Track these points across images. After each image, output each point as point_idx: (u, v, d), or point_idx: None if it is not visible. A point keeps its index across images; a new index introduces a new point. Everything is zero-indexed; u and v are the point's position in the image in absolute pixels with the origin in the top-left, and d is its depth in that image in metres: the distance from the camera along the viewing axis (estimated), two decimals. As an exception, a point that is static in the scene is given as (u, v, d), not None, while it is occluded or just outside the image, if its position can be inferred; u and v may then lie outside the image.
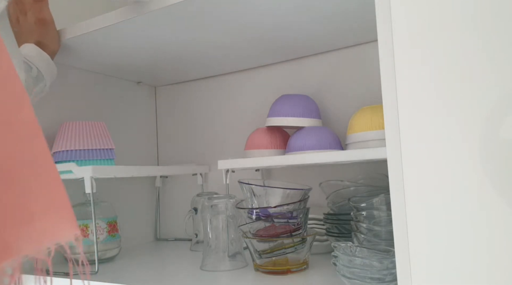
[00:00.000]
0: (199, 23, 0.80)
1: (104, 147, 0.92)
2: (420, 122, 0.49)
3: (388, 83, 0.51)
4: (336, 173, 0.98)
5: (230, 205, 0.84)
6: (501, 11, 0.45)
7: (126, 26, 0.79)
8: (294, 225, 0.75)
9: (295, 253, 0.74)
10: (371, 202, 0.71)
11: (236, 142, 1.14)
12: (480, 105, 0.46)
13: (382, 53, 0.52)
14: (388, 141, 0.51)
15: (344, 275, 0.62)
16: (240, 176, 0.93)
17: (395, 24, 0.50)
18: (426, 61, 0.49)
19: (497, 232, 0.44)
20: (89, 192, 0.81)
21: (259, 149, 0.91)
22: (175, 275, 0.78)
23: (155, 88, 1.31)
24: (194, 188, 1.19)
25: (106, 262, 0.92)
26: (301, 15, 0.78)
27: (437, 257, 0.47)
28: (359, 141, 0.76)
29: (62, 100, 0.93)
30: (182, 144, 1.25)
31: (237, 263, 0.82)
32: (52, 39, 0.84)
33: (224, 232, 0.83)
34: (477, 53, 0.46)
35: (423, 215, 0.48)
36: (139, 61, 1.02)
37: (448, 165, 0.47)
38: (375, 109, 0.76)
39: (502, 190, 0.44)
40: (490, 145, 0.45)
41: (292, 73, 1.07)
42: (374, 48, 0.95)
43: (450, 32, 0.48)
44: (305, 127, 0.85)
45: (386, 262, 0.60)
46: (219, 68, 1.12)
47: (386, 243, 0.66)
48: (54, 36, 0.84)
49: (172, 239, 1.21)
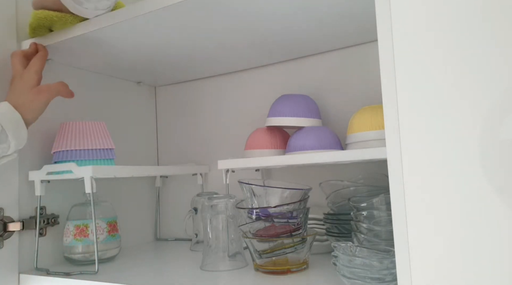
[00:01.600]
0: (199, 23, 0.80)
1: (104, 146, 0.92)
2: (420, 122, 0.49)
3: (388, 83, 0.51)
4: (336, 173, 0.98)
5: (230, 205, 0.84)
6: (501, 11, 0.45)
7: (126, 26, 0.79)
8: (294, 225, 0.75)
9: (295, 253, 0.75)
10: (371, 202, 0.71)
11: (236, 142, 1.14)
12: (480, 105, 0.46)
13: (382, 53, 0.52)
14: (388, 142, 0.51)
15: (344, 275, 0.62)
16: (240, 176, 0.93)
17: (395, 24, 0.51)
18: (426, 61, 0.49)
19: (497, 232, 0.44)
20: (89, 192, 0.81)
21: (259, 149, 0.91)
22: (175, 275, 0.78)
23: (155, 88, 1.31)
24: (194, 188, 1.19)
25: (106, 262, 0.92)
26: (301, 15, 0.78)
27: (437, 257, 0.47)
28: (359, 141, 0.76)
29: (62, 100, 0.93)
30: (182, 144, 1.25)
31: (237, 263, 0.82)
32: (36, 110, 0.80)
33: (224, 232, 0.83)
34: (477, 52, 0.46)
35: (423, 215, 0.48)
36: (139, 61, 1.02)
37: (448, 164, 0.47)
38: (375, 109, 0.76)
39: (502, 190, 0.44)
40: (490, 145, 0.45)
41: (292, 73, 1.07)
42: (374, 48, 0.95)
43: (450, 32, 0.48)
44: (305, 127, 0.85)
45: (386, 262, 0.60)
46: (219, 68, 1.12)
47: (386, 243, 0.66)
48: (39, 108, 0.81)
49: (172, 239, 1.21)
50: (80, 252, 0.89)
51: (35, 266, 0.88)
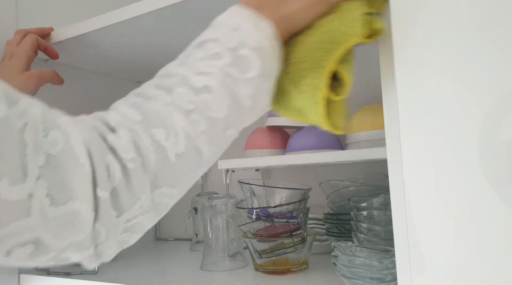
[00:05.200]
0: (200, 22, 0.80)
1: (104, 146, 0.91)
2: (420, 122, 0.49)
3: (388, 83, 0.51)
4: (336, 173, 0.98)
5: (230, 205, 0.84)
6: (500, 11, 0.45)
7: (126, 26, 0.79)
8: (294, 225, 0.75)
9: (295, 253, 0.74)
10: (371, 202, 0.71)
11: (236, 142, 1.14)
12: (480, 105, 0.46)
13: (382, 53, 0.52)
14: (388, 142, 0.51)
15: (344, 275, 0.62)
16: (240, 176, 0.93)
17: (395, 24, 0.50)
18: (426, 61, 0.49)
19: (497, 232, 0.44)
20: (89, 192, 0.81)
21: (259, 148, 0.91)
22: (175, 275, 0.78)
23: (155, 88, 1.31)
24: (194, 188, 1.18)
25: (106, 262, 0.92)
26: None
27: (437, 257, 0.47)
28: (359, 141, 0.76)
29: (62, 100, 0.93)
30: (182, 143, 1.24)
31: (237, 263, 0.82)
32: None
33: (224, 232, 0.83)
34: (476, 52, 0.46)
35: (423, 215, 0.48)
36: (139, 61, 1.02)
37: (448, 164, 0.47)
38: (375, 109, 0.76)
39: (502, 190, 0.44)
40: (490, 145, 0.45)
41: (292, 73, 1.06)
42: (374, 48, 0.95)
43: (449, 32, 0.48)
44: (305, 127, 0.85)
45: (386, 262, 0.60)
46: (219, 68, 1.12)
47: (386, 243, 0.66)
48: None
49: (172, 239, 1.21)
50: (80, 252, 0.89)
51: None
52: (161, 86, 0.39)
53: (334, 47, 0.45)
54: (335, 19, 0.46)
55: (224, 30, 0.42)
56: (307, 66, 0.45)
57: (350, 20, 0.45)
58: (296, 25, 0.47)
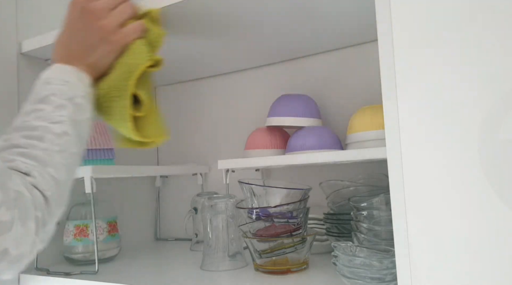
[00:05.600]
0: (199, 23, 0.80)
1: (104, 146, 0.92)
2: (420, 122, 0.49)
3: (388, 83, 0.51)
4: (336, 173, 0.98)
5: (230, 205, 0.84)
6: (500, 11, 0.45)
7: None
8: (294, 225, 0.75)
9: (295, 253, 0.75)
10: (371, 202, 0.71)
11: (236, 142, 1.14)
12: (480, 104, 0.46)
13: (382, 53, 0.52)
14: (388, 142, 0.51)
15: (344, 275, 0.62)
16: (240, 176, 0.93)
17: (395, 24, 0.51)
18: (426, 61, 0.49)
19: (497, 232, 0.44)
20: (89, 191, 0.81)
21: (259, 148, 0.91)
22: (175, 275, 0.78)
23: (155, 88, 1.31)
24: (194, 188, 1.19)
25: (106, 262, 0.92)
26: (300, 14, 0.78)
27: (437, 256, 0.47)
28: (359, 141, 0.76)
29: (62, 100, 0.93)
30: (182, 143, 1.25)
31: (237, 263, 0.82)
32: None
33: (224, 232, 0.83)
34: (476, 52, 0.46)
35: (423, 215, 0.48)
36: (139, 61, 1.02)
37: (448, 164, 0.47)
38: (375, 109, 0.76)
39: (502, 190, 0.44)
40: (490, 145, 0.45)
41: (292, 73, 1.07)
42: (374, 48, 0.95)
43: (449, 31, 0.48)
44: (305, 127, 0.85)
45: (386, 262, 0.60)
46: (219, 68, 1.12)
47: (386, 243, 0.66)
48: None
49: (172, 239, 1.21)
50: (80, 252, 0.89)
51: (35, 266, 0.88)
52: (31, 136, 0.50)
53: (130, 75, 0.60)
54: (128, 56, 0.61)
55: (58, 86, 0.55)
56: (115, 94, 0.60)
57: (138, 54, 0.61)
58: (102, 68, 0.61)
